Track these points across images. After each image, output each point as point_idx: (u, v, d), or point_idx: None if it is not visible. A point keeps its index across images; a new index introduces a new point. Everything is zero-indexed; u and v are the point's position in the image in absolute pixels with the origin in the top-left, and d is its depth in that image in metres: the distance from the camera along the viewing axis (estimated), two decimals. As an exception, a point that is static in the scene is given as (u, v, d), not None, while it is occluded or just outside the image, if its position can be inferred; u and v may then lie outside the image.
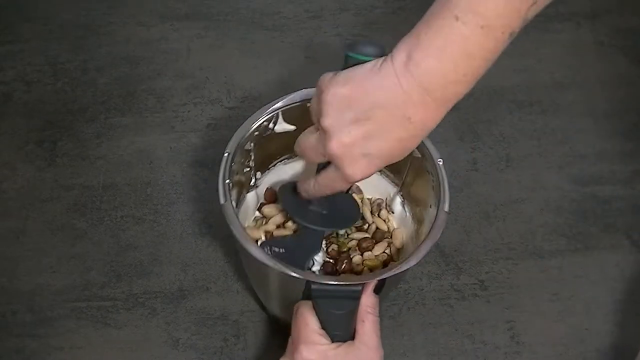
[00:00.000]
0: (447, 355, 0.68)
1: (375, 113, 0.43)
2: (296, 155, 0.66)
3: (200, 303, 0.69)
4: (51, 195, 0.76)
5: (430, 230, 0.54)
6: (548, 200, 0.81)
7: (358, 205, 0.63)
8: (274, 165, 0.67)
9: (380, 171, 0.66)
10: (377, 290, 0.53)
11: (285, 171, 0.67)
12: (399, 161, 0.47)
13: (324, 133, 0.46)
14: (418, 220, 0.63)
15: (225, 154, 0.57)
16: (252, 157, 0.63)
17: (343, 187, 0.50)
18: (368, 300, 0.52)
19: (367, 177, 0.47)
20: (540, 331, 0.71)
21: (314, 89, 0.58)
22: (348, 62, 0.46)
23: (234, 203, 0.55)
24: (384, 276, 0.52)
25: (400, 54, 0.42)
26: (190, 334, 0.67)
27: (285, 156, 0.67)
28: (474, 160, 0.83)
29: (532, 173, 0.84)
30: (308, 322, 0.51)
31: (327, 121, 0.45)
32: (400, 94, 0.42)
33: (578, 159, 0.86)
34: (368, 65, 0.44)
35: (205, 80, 0.89)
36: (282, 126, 0.62)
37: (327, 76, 0.47)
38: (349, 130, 0.44)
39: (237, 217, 0.54)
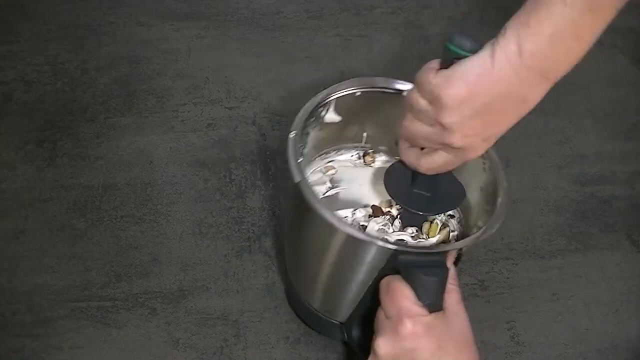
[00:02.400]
0: (447, 355, 0.68)
1: (495, 104, 0.45)
2: (334, 150, 0.66)
3: (200, 303, 0.69)
4: (51, 195, 0.76)
5: (498, 204, 0.56)
6: (548, 200, 0.81)
7: (462, 186, 0.60)
8: (314, 159, 0.66)
9: None
10: (455, 262, 0.54)
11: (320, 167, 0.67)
12: None
13: (444, 129, 0.48)
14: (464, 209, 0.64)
15: (292, 134, 0.56)
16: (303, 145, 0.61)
17: (457, 166, 0.53)
18: (449, 272, 0.52)
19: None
20: (540, 331, 0.71)
21: (364, 78, 0.61)
22: (447, 55, 0.47)
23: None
24: (464, 244, 0.53)
25: (510, 45, 0.43)
26: (190, 334, 0.67)
27: (324, 150, 0.66)
28: (474, 160, 0.83)
29: (532, 173, 0.84)
30: (407, 295, 0.50)
31: (449, 119, 0.47)
32: (518, 84, 0.44)
33: (578, 159, 0.86)
34: (477, 61, 0.45)
35: (205, 80, 0.89)
36: (331, 116, 0.62)
37: (430, 74, 0.48)
38: (471, 125, 0.47)
39: (316, 194, 0.53)
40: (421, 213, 0.57)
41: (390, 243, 0.52)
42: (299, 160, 0.54)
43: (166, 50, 0.92)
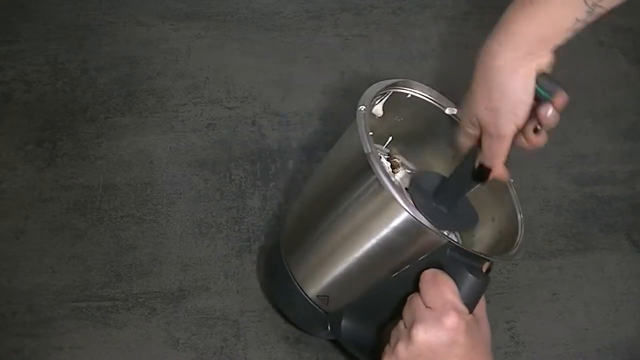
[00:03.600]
0: (447, 355, 0.68)
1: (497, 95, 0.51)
2: None
3: (200, 303, 0.69)
4: (51, 195, 0.76)
5: (520, 231, 0.59)
6: (548, 200, 0.81)
7: (477, 214, 0.63)
8: None
9: None
10: (488, 271, 0.55)
11: None
12: None
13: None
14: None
15: (362, 108, 0.56)
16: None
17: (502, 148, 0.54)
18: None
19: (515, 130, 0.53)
20: (540, 331, 0.71)
21: (422, 85, 0.63)
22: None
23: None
24: (509, 259, 0.56)
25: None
26: (190, 334, 0.67)
27: None
28: (474, 160, 0.83)
29: (532, 173, 0.84)
30: (454, 289, 0.51)
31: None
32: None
33: (578, 159, 0.86)
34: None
35: (205, 80, 0.89)
36: (378, 108, 0.62)
37: None
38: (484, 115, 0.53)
39: (383, 167, 0.53)
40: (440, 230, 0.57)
41: (445, 236, 0.52)
42: (370, 133, 0.54)
43: (166, 50, 0.92)
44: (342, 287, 0.59)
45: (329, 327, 0.61)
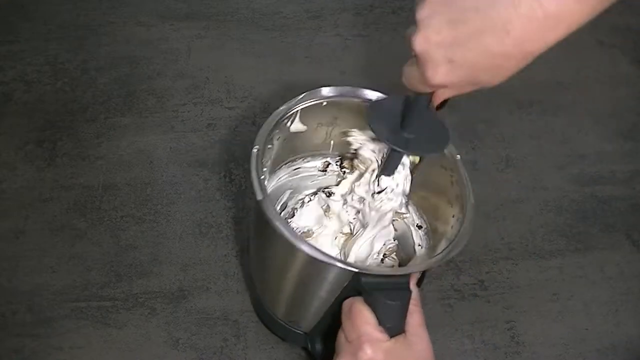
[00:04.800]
0: (447, 355, 0.68)
1: (472, 16, 0.39)
2: (300, 158, 0.66)
3: (200, 303, 0.69)
4: (51, 195, 0.76)
5: (462, 223, 0.54)
6: (548, 200, 0.81)
7: (448, 134, 0.56)
8: (279, 168, 0.66)
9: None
10: (419, 282, 0.53)
11: (286, 175, 0.67)
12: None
13: (415, 27, 0.43)
14: (430, 223, 0.64)
15: (255, 149, 0.55)
16: (268, 157, 0.61)
17: (423, 89, 0.46)
18: (412, 294, 0.51)
19: (446, 86, 0.44)
20: (540, 331, 0.71)
21: (331, 88, 0.59)
22: None
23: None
24: (429, 266, 0.53)
25: None
26: (190, 334, 0.67)
27: (291, 158, 0.66)
28: (474, 160, 0.83)
29: (532, 173, 0.84)
30: (367, 319, 0.50)
31: (421, 14, 0.42)
32: (509, 1, 0.38)
33: (578, 159, 0.86)
34: None
35: (205, 80, 0.89)
36: (297, 126, 0.61)
37: None
38: (440, 29, 0.41)
39: (278, 213, 0.52)
40: (402, 151, 0.53)
41: (352, 265, 0.50)
42: (261, 177, 0.53)
43: (166, 50, 0.92)
44: (298, 313, 0.61)
45: (309, 345, 0.63)
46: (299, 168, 0.68)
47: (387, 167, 0.57)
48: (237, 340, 0.67)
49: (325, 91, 0.60)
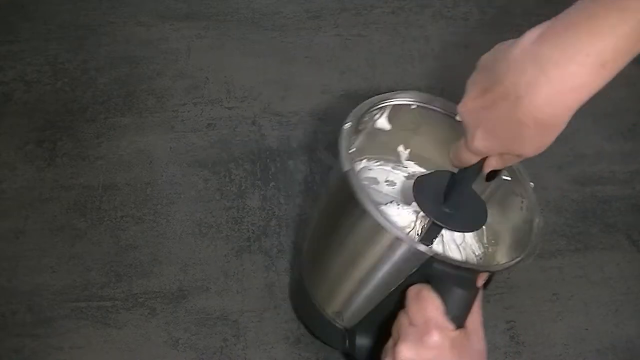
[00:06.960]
0: (447, 355, 0.68)
1: (496, 85, 0.42)
2: (374, 159, 0.66)
3: (200, 303, 0.69)
4: (51, 195, 0.76)
5: (530, 239, 0.57)
6: (548, 200, 0.81)
7: (486, 213, 0.59)
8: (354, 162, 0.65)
9: None
10: (485, 285, 0.53)
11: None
12: None
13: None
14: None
15: (347, 124, 0.55)
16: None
17: (468, 157, 0.48)
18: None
19: (486, 153, 0.46)
20: (540, 331, 0.71)
21: (425, 94, 0.60)
22: None
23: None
24: (500, 267, 0.55)
25: (532, 32, 0.41)
26: (190, 334, 0.67)
27: (364, 156, 0.66)
28: (474, 160, 0.83)
29: (532, 173, 0.83)
30: (437, 305, 0.50)
31: (468, 80, 0.45)
32: (519, 70, 0.41)
33: (578, 159, 0.86)
34: (511, 40, 0.43)
35: (205, 80, 0.89)
36: (383, 122, 0.61)
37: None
38: (475, 96, 0.44)
39: (362, 183, 0.52)
40: (442, 226, 0.55)
41: (429, 249, 0.51)
42: (350, 150, 0.53)
43: (166, 50, 0.92)
44: (352, 304, 0.60)
45: (347, 342, 0.62)
46: (366, 167, 0.67)
47: (427, 238, 0.59)
48: (237, 340, 0.67)
49: (417, 94, 0.61)
